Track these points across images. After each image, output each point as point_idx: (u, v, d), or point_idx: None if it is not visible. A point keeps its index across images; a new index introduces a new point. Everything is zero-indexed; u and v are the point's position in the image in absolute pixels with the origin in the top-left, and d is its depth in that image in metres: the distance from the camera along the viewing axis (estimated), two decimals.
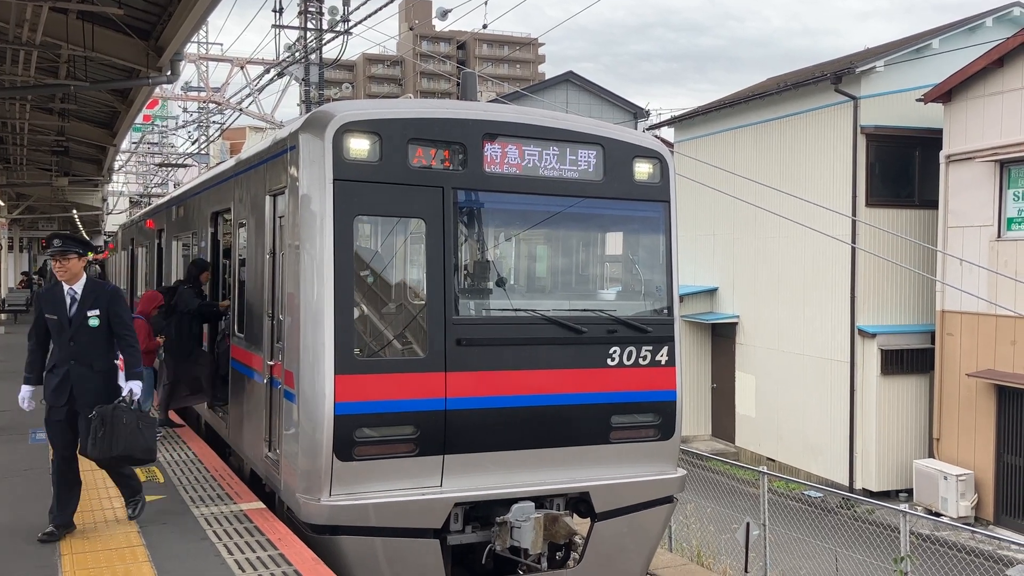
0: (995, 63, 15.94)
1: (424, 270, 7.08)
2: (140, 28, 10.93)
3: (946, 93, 16.92)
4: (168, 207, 15.09)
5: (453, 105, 7.63)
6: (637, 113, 43.19)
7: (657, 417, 7.81)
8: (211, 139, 42.35)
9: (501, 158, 7.32)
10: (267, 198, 7.98)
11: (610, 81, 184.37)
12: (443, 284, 7.02)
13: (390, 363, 6.96)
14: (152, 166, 52.57)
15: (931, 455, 17.46)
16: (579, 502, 7.61)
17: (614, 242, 8.40)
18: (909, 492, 17.47)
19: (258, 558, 5.97)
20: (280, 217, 7.65)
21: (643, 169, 7.93)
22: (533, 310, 7.44)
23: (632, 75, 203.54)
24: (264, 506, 7.36)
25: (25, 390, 6.67)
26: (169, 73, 11.64)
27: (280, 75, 26.67)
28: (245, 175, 8.98)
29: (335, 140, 6.75)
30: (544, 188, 7.48)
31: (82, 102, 15.77)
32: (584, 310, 7.72)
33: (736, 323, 21.83)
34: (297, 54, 26.35)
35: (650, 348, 7.79)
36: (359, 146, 6.82)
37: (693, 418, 23.03)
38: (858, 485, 18.09)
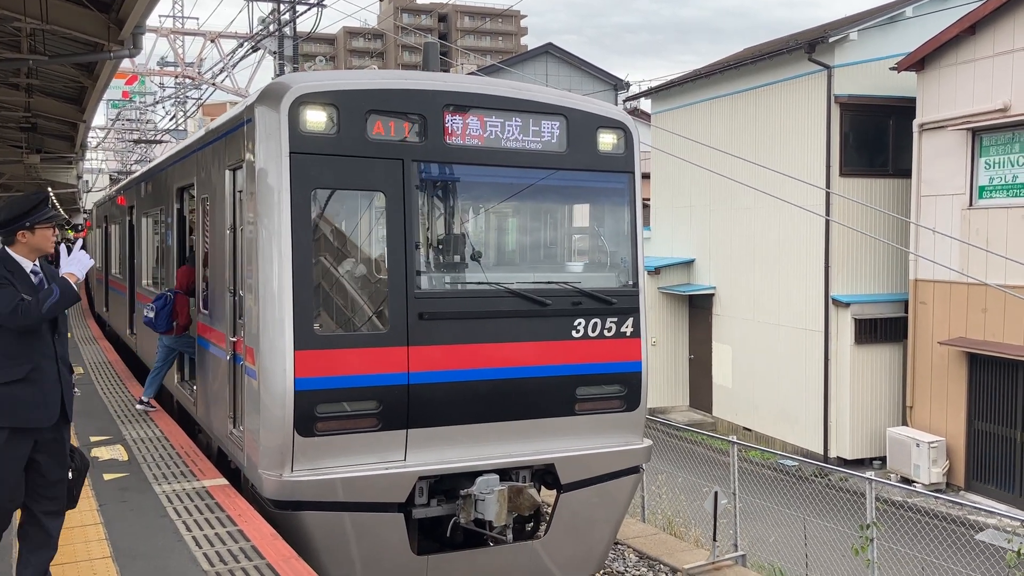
0: (967, 31, 15.91)
1: (384, 244, 7.02)
2: (98, 0, 10.71)
3: (919, 61, 16.89)
4: (138, 183, 14.94)
5: (413, 76, 7.53)
6: (617, 85, 43.05)
7: (622, 388, 7.81)
8: (188, 115, 41.88)
9: (462, 129, 7.25)
10: (226, 172, 7.89)
11: (593, 53, 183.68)
12: (404, 258, 6.97)
13: (351, 338, 6.92)
14: (129, 142, 51.98)
15: (904, 423, 17.61)
16: (545, 474, 7.63)
17: (578, 214, 8.36)
18: (883, 460, 17.65)
19: (216, 535, 5.95)
20: (239, 192, 7.56)
21: (607, 140, 7.87)
22: (496, 283, 7.40)
23: (615, 47, 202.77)
24: (227, 483, 7.34)
25: None
26: (132, 47, 11.44)
27: (255, 49, 26.33)
28: (206, 149, 8.88)
29: (291, 112, 6.66)
30: (506, 160, 7.41)
31: (48, 77, 15.50)
32: (548, 282, 7.67)
33: (713, 294, 21.88)
34: (271, 27, 26.02)
35: (615, 320, 7.76)
36: (316, 118, 6.73)
37: (671, 389, 23.15)
38: (833, 453, 18.25)
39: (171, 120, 41.57)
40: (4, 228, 4.89)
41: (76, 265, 4.97)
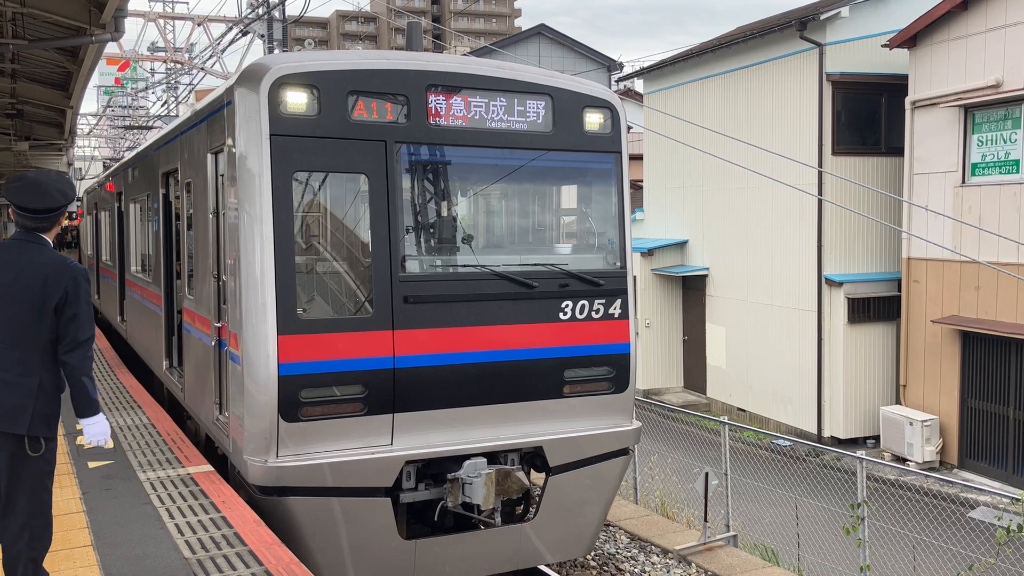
0: (959, 6, 15.78)
1: (368, 227, 6.95)
2: None
3: (911, 38, 16.77)
4: (125, 169, 14.82)
5: (395, 56, 7.41)
6: (610, 65, 42.82)
7: (611, 370, 7.76)
8: (179, 100, 41.62)
9: (446, 110, 7.16)
10: (208, 156, 7.81)
11: (588, 35, 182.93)
12: (388, 241, 6.90)
13: (335, 322, 6.85)
14: (120, 129, 51.72)
15: (898, 402, 17.61)
16: (534, 456, 7.59)
17: (564, 195, 8.28)
18: (876, 439, 17.66)
19: (199, 521, 5.90)
20: (221, 176, 7.48)
21: (593, 119, 7.78)
22: (482, 265, 7.33)
23: (609, 28, 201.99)
24: (212, 469, 7.29)
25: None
26: (114, 31, 11.32)
27: (244, 33, 26.10)
28: (190, 133, 8.79)
29: (271, 94, 6.56)
30: (491, 140, 7.33)
31: (32, 63, 15.35)
32: (535, 264, 7.61)
33: (706, 275, 21.84)
34: (260, 10, 25.78)
35: (603, 301, 7.70)
36: (296, 100, 6.64)
37: (665, 370, 23.14)
38: (827, 433, 18.26)
39: (163, 106, 41.31)
40: (54, 213, 4.40)
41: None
